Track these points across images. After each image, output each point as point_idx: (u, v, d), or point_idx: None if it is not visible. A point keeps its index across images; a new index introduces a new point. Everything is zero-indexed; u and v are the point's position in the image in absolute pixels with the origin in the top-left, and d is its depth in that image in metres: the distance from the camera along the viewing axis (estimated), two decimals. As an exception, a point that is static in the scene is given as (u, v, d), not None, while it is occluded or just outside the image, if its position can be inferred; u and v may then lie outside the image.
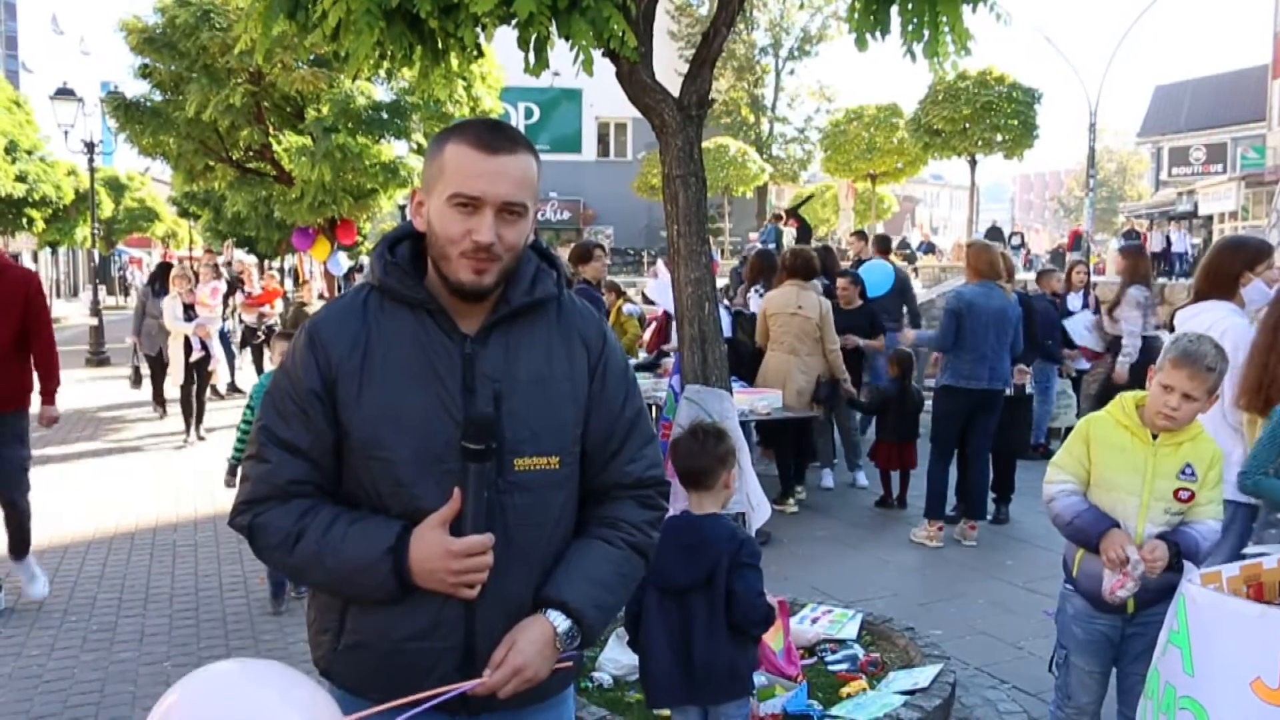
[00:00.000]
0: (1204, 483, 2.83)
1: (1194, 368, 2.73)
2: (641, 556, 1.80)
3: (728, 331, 6.41)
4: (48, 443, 9.94)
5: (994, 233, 26.99)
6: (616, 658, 3.97)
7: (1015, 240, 28.58)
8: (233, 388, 12.96)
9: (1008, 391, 6.61)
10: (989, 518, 6.73)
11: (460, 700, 1.67)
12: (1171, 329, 4.12)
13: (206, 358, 9.87)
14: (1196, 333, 3.03)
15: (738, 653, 2.87)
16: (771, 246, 16.85)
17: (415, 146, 15.54)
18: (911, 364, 7.30)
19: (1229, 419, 3.66)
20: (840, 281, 7.84)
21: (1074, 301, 8.94)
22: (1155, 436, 2.84)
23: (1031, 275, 11.17)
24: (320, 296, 16.83)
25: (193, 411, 9.98)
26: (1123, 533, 2.81)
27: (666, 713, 3.57)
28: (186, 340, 9.69)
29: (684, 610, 2.83)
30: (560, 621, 1.66)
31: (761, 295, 7.54)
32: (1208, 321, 3.73)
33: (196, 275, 10.79)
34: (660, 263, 8.16)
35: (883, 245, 10.33)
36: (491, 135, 1.65)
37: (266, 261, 31.22)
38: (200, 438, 9.90)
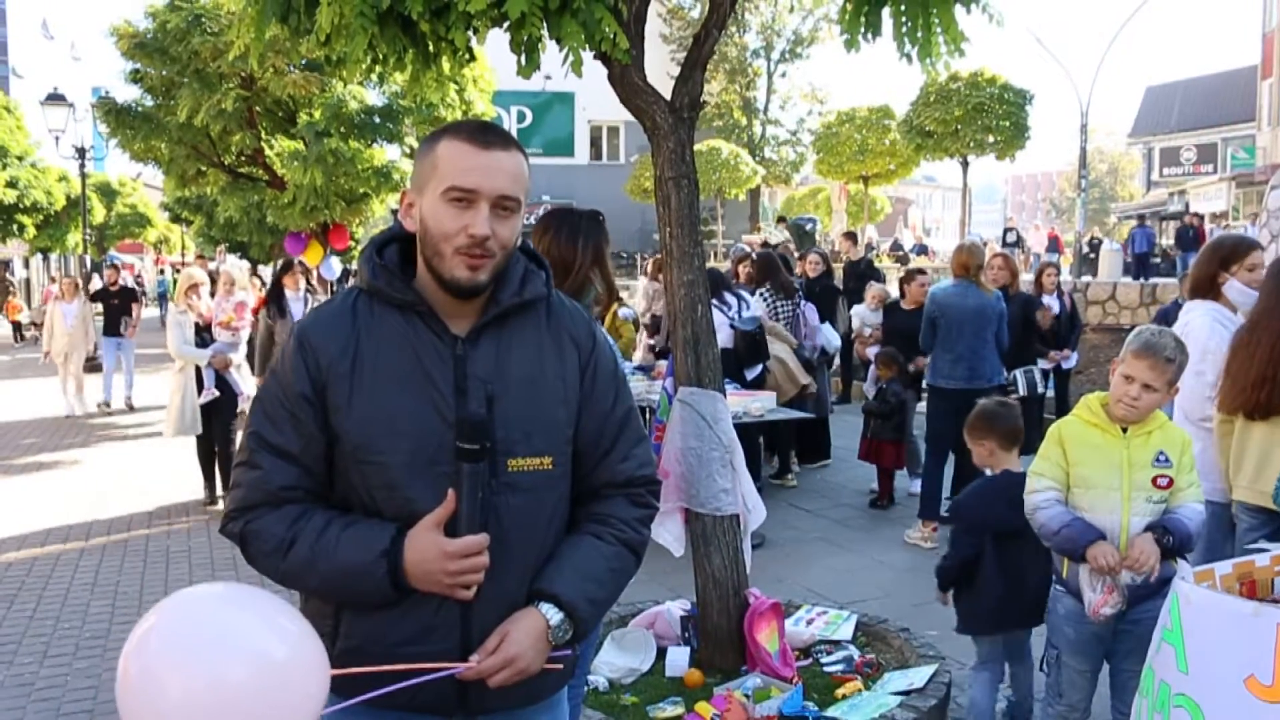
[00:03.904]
0: (1180, 467, 2.89)
1: (1155, 358, 2.81)
2: (632, 553, 1.80)
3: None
4: (40, 449, 9.90)
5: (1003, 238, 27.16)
6: (612, 660, 3.96)
7: (1011, 238, 27.80)
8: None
9: (1020, 393, 6.57)
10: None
11: (458, 701, 1.66)
12: None
13: (233, 399, 7.21)
14: (1158, 326, 3.10)
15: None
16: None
17: (407, 151, 15.54)
18: (901, 364, 7.27)
19: (1190, 416, 3.74)
20: (1048, 270, 7.25)
21: (1051, 304, 8.77)
22: (1125, 430, 2.89)
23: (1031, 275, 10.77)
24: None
25: (214, 468, 7.39)
26: (1109, 545, 2.83)
27: (667, 712, 3.58)
28: (198, 373, 7.18)
29: (1016, 550, 3.39)
30: (552, 614, 1.66)
31: (766, 299, 7.86)
32: (1182, 321, 3.87)
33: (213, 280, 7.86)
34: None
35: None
36: (485, 132, 1.68)
37: (259, 267, 31.15)
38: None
